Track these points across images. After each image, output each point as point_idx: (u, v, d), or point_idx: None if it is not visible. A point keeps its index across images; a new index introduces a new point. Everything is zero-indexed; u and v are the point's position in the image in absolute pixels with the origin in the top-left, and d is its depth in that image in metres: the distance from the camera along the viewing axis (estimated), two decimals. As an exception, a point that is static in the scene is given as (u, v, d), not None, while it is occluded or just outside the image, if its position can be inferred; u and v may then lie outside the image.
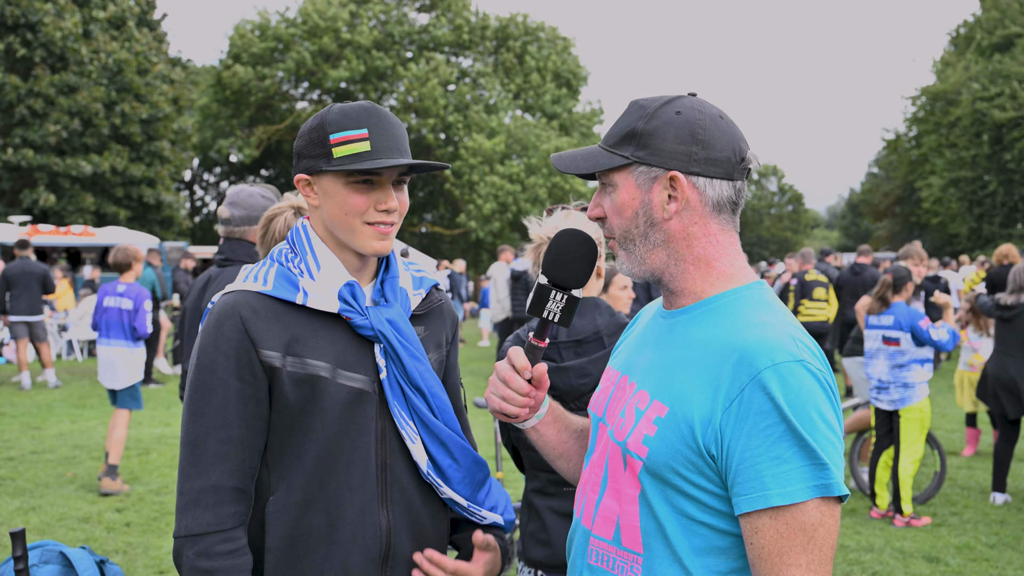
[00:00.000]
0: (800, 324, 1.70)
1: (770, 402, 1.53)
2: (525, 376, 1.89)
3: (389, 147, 1.92)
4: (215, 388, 1.89)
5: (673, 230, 1.72)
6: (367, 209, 1.94)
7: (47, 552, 2.64)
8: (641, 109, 1.74)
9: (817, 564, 1.54)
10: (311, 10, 39.65)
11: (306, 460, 1.93)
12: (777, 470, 1.52)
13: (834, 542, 1.56)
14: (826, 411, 1.57)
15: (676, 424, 1.63)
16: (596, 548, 1.78)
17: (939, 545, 6.54)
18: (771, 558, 1.54)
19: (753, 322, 1.65)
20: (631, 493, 1.71)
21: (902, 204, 50.78)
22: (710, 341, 1.66)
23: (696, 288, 1.75)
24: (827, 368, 1.63)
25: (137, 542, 6.46)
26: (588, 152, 1.80)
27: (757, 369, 1.56)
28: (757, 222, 60.89)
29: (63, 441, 10.07)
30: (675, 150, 1.69)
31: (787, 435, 1.52)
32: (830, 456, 1.54)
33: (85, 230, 25.77)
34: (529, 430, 2.02)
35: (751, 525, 1.55)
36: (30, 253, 13.93)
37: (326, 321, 1.96)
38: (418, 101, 40.33)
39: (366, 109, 1.94)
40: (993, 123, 39.30)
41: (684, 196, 1.70)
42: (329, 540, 1.93)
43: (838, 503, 1.55)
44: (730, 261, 1.76)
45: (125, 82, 30.75)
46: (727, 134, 1.72)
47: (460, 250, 41.21)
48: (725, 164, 1.71)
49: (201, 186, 50.24)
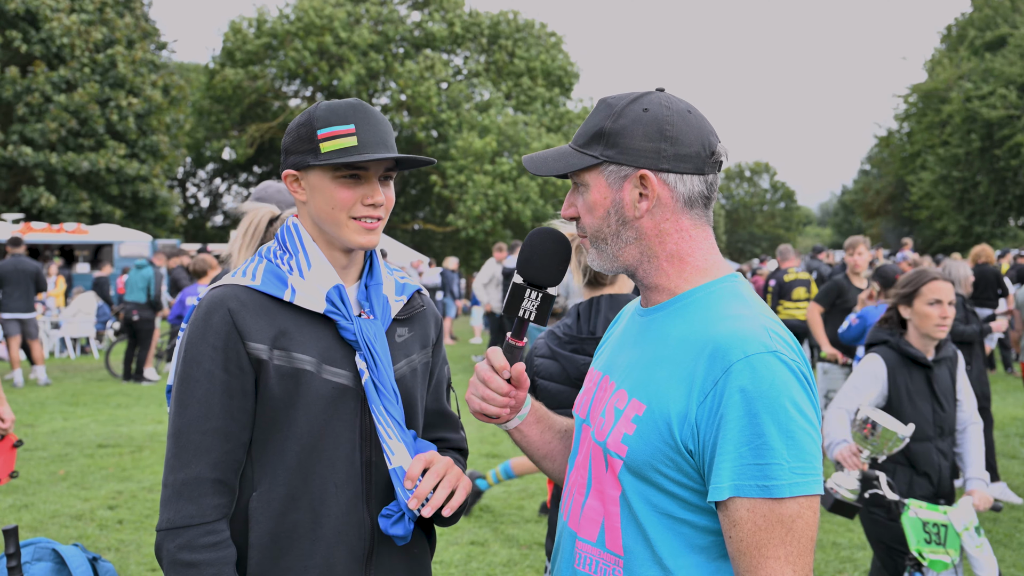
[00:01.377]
0: (776, 317, 1.70)
1: (744, 394, 1.53)
2: (504, 376, 1.90)
3: (375, 142, 1.94)
4: (200, 380, 1.90)
5: (645, 227, 1.73)
6: (354, 204, 1.95)
7: (40, 549, 2.64)
8: (609, 107, 1.74)
9: (796, 556, 1.53)
10: (307, 7, 39.59)
11: (289, 455, 1.93)
12: (753, 462, 1.53)
13: (813, 534, 1.55)
14: (801, 402, 1.56)
15: (654, 421, 1.63)
16: (582, 552, 1.77)
17: (929, 541, 6.56)
18: (749, 550, 1.54)
19: (726, 315, 1.65)
20: (613, 494, 1.71)
21: (894, 202, 50.92)
22: (685, 336, 1.67)
23: (670, 284, 1.76)
24: (802, 359, 1.63)
25: (130, 539, 6.46)
26: (558, 153, 1.80)
27: (730, 362, 1.56)
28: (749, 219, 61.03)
29: (55, 438, 10.05)
30: (644, 148, 1.69)
31: (762, 427, 1.52)
32: (806, 447, 1.54)
33: (78, 228, 25.74)
34: (512, 431, 2.02)
35: (729, 518, 1.55)
36: (23, 251, 13.89)
37: (312, 318, 1.98)
38: (411, 99, 40.31)
39: (353, 106, 1.96)
40: (984, 121, 39.41)
41: (655, 194, 1.70)
42: (313, 537, 1.94)
43: (816, 495, 1.56)
44: (703, 256, 1.76)
45: (118, 76, 30.68)
46: (696, 129, 1.72)
47: (452, 247, 41.20)
48: (695, 159, 1.71)
49: (194, 183, 50.13)
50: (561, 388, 3.04)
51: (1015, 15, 42.20)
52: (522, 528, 6.73)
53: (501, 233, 36.95)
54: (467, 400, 1.93)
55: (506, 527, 6.75)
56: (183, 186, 48.74)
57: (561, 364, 3.07)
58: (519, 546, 6.34)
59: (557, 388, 3.05)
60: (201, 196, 50.78)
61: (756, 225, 61.30)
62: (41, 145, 29.34)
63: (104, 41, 30.79)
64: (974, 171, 41.21)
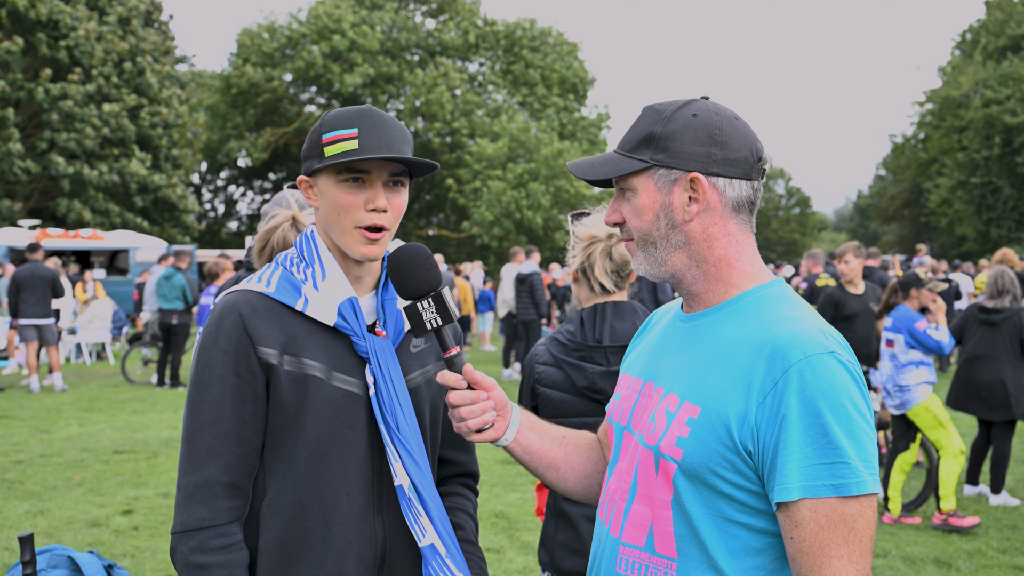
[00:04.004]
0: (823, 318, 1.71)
1: (805, 394, 1.54)
2: (462, 387, 1.91)
3: (379, 146, 1.91)
4: (212, 384, 1.90)
5: (694, 231, 1.73)
6: (357, 208, 1.94)
7: (55, 556, 2.64)
8: (657, 113, 1.75)
9: (858, 555, 1.54)
10: (320, 11, 39.81)
11: (298, 461, 1.92)
12: (816, 462, 1.53)
13: (872, 533, 1.57)
14: (859, 401, 1.57)
15: (710, 423, 1.63)
16: (625, 556, 1.76)
17: (950, 551, 6.50)
18: (812, 551, 1.54)
19: (781, 317, 1.66)
20: (663, 498, 1.70)
21: (910, 207, 50.73)
22: (739, 339, 1.67)
23: (719, 289, 1.76)
24: (855, 360, 1.64)
25: (145, 546, 6.46)
26: (606, 158, 1.81)
27: (790, 362, 1.57)
28: (764, 224, 60.91)
29: (71, 444, 10.08)
30: (694, 152, 1.70)
31: (824, 427, 1.53)
32: (865, 446, 1.55)
33: (94, 233, 25.86)
34: (512, 445, 2.01)
35: (791, 519, 1.55)
36: (40, 256, 13.96)
37: (324, 327, 1.97)
38: (425, 106, 40.44)
39: (361, 111, 1.95)
40: (1004, 126, 39.21)
41: (705, 197, 1.71)
42: (323, 544, 1.93)
43: (875, 494, 1.57)
44: (750, 261, 1.77)
45: (146, 85, 30.95)
46: (743, 135, 1.73)
47: (466, 253, 41.26)
48: (743, 164, 1.72)
49: (209, 189, 50.38)
50: (565, 397, 2.99)
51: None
52: (538, 535, 6.70)
53: (515, 239, 36.97)
54: (456, 430, 1.95)
55: (522, 534, 6.72)
56: (198, 192, 48.98)
57: (566, 372, 3.01)
58: (535, 553, 6.30)
59: (560, 397, 2.99)
60: (217, 202, 51.02)
61: (771, 230, 61.15)
62: (76, 154, 29.50)
63: (131, 52, 31.03)
64: (992, 176, 41.01)
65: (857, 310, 7.98)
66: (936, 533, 6.98)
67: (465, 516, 2.21)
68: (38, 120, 30.00)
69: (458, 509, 2.21)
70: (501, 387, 2.01)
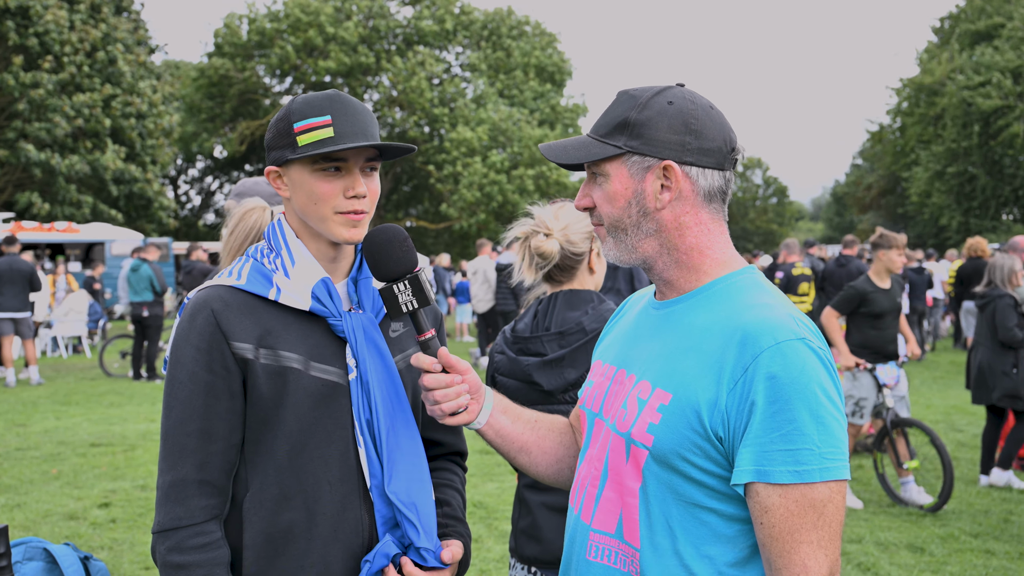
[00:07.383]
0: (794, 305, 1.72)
1: (774, 380, 1.55)
2: (436, 370, 1.91)
3: (353, 132, 1.90)
4: (184, 382, 1.89)
5: (665, 219, 1.74)
6: (336, 196, 1.92)
7: (31, 549, 2.63)
8: (632, 99, 1.75)
9: (827, 540, 1.56)
10: (293, 5, 39.54)
11: (279, 454, 1.91)
12: (785, 448, 1.54)
13: (842, 518, 1.58)
14: (829, 388, 1.59)
15: (681, 410, 1.64)
16: (596, 543, 1.78)
17: (923, 536, 6.58)
18: (782, 536, 1.56)
19: (753, 304, 1.67)
20: (632, 486, 1.72)
21: (887, 196, 50.98)
22: (710, 326, 1.68)
23: (691, 277, 1.77)
24: (826, 346, 1.65)
25: (123, 538, 6.44)
26: (579, 142, 1.80)
27: (761, 348, 1.58)
28: (742, 215, 61.03)
29: (48, 438, 10.02)
30: (669, 140, 1.70)
31: (791, 413, 1.54)
32: (834, 432, 1.56)
33: (69, 226, 25.64)
34: (485, 428, 2.01)
35: (760, 504, 1.57)
36: (17, 250, 13.84)
37: (300, 316, 1.96)
38: (403, 95, 40.27)
39: (330, 97, 1.93)
40: (980, 112, 39.39)
41: (678, 186, 1.72)
42: (308, 535, 1.92)
43: (844, 480, 1.58)
44: (722, 249, 1.78)
45: (118, 74, 30.56)
46: (718, 124, 1.74)
47: (445, 244, 41.18)
48: (717, 154, 1.73)
49: (185, 181, 50.03)
50: (519, 385, 2.98)
51: (1008, 6, 42.20)
52: (516, 524, 6.73)
53: (494, 226, 36.88)
54: (430, 413, 1.94)
55: (500, 523, 6.75)
56: (175, 184, 48.62)
57: (509, 362, 3.03)
58: (513, 542, 6.33)
59: (515, 385, 2.99)
60: (193, 194, 50.67)
61: (748, 220, 61.26)
62: (47, 143, 29.08)
63: (103, 40, 30.64)
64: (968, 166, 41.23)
65: (888, 307, 7.43)
66: (910, 518, 7.05)
67: (452, 491, 2.22)
68: (8, 111, 29.59)
69: (445, 485, 2.21)
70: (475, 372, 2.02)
